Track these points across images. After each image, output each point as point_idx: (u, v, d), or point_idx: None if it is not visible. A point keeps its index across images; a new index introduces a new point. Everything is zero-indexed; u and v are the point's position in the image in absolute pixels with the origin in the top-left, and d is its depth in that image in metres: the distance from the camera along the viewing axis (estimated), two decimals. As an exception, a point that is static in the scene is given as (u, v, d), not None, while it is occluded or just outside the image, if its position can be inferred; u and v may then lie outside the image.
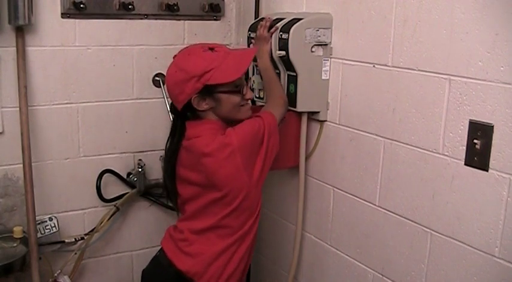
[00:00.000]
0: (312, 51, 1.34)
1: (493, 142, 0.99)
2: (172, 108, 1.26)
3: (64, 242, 1.56)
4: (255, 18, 1.59)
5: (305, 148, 1.44)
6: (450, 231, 1.10)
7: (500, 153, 0.99)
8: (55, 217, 1.56)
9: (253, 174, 1.18)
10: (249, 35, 1.47)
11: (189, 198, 1.24)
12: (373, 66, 1.24)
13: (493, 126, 0.99)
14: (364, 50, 1.27)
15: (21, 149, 1.44)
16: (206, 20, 1.70)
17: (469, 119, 1.03)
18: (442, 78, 1.08)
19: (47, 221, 1.53)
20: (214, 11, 1.69)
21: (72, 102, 1.55)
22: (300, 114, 1.41)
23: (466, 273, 1.07)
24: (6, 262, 1.38)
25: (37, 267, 1.45)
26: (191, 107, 1.19)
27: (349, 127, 1.34)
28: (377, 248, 1.29)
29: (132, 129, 1.66)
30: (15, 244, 1.45)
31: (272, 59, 1.38)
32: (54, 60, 1.51)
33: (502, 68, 0.97)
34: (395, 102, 1.20)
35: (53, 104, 1.53)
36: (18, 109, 1.44)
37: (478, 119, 1.02)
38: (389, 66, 1.20)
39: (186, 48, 1.24)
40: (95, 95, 1.58)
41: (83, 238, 1.60)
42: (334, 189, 1.42)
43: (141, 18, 1.60)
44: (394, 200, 1.23)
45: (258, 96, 1.51)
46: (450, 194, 1.09)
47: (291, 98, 1.36)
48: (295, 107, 1.37)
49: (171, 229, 1.30)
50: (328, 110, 1.40)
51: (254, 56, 1.42)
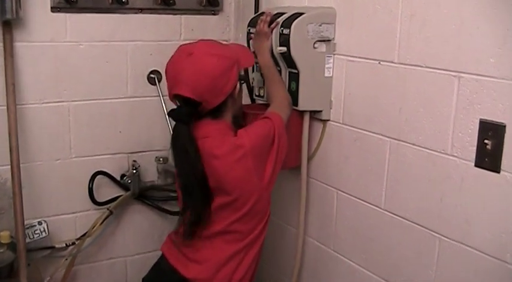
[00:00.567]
0: (315, 48, 1.35)
1: (504, 142, 0.99)
2: (189, 108, 1.14)
3: (54, 247, 1.56)
4: (255, 13, 1.59)
5: (307, 148, 1.44)
6: (459, 235, 1.10)
7: (512, 154, 0.99)
8: (45, 221, 1.55)
9: (264, 177, 1.18)
10: (249, 30, 1.47)
11: None
12: (379, 63, 1.24)
13: (505, 126, 0.99)
14: (369, 46, 1.27)
15: (9, 150, 1.43)
16: (204, 15, 1.70)
17: (480, 118, 1.03)
18: (451, 75, 1.08)
19: (36, 225, 1.53)
20: (212, 5, 1.68)
21: (63, 101, 1.55)
22: (302, 113, 1.41)
23: (477, 280, 1.07)
24: (-7, 269, 1.38)
25: (25, 274, 1.44)
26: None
27: (354, 127, 1.34)
28: (383, 254, 1.29)
29: (126, 128, 1.66)
30: (2, 250, 1.45)
31: (273, 55, 1.38)
32: (44, 56, 1.50)
33: (514, 65, 0.97)
34: (401, 101, 1.19)
35: (42, 103, 1.53)
36: (5, 108, 1.44)
37: (489, 118, 1.02)
38: (395, 63, 1.20)
39: (190, 43, 1.22)
40: (87, 93, 1.58)
41: (74, 243, 1.59)
42: (338, 191, 1.42)
43: (136, 13, 1.60)
44: (401, 203, 1.22)
45: (257, 94, 1.51)
46: (459, 196, 1.09)
47: (293, 96, 1.36)
48: (297, 105, 1.37)
49: (173, 234, 1.29)
50: (331, 108, 1.40)
51: (254, 53, 1.43)
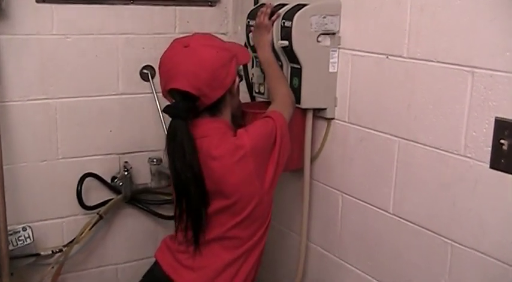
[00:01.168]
0: (318, 41, 1.34)
1: (521, 142, 0.99)
2: (187, 103, 1.13)
3: (39, 254, 1.56)
4: (255, 4, 1.58)
5: (310, 149, 1.44)
6: (473, 242, 1.09)
7: (529, 154, 0.98)
8: (29, 227, 1.55)
9: (265, 180, 1.18)
10: (248, 23, 1.46)
11: None
12: (387, 57, 1.24)
13: (522, 125, 0.99)
14: (376, 39, 1.26)
15: (-8, 150, 1.43)
16: (200, 6, 1.70)
17: (495, 117, 1.02)
18: (464, 70, 1.07)
19: (20, 231, 1.52)
20: (209, -4, 1.69)
21: (49, 98, 1.55)
22: (305, 111, 1.41)
23: (491, 289, 1.06)
24: (-27, 278, 1.37)
25: (9, 283, 1.44)
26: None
27: (360, 126, 1.34)
28: (391, 261, 1.28)
29: (117, 127, 1.65)
30: (-16, 257, 1.44)
31: (274, 49, 1.37)
32: (29, 50, 1.50)
33: (531, 59, 0.97)
34: (411, 98, 1.19)
35: (27, 100, 1.52)
36: (-12, 105, 1.44)
37: (505, 117, 1.01)
38: (404, 58, 1.19)
39: (185, 36, 1.22)
40: (75, 89, 1.58)
41: (61, 250, 1.59)
42: (343, 194, 1.41)
43: (127, 4, 1.59)
44: (410, 207, 1.22)
45: (257, 91, 1.50)
46: (473, 200, 1.08)
47: (295, 93, 1.36)
48: (299, 103, 1.36)
49: (168, 240, 1.28)
50: (336, 106, 1.40)
51: (253, 47, 1.42)
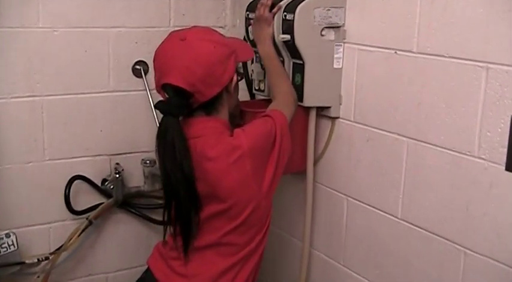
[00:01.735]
0: (322, 35, 1.34)
1: (539, 143, 0.98)
2: (179, 100, 1.12)
3: (24, 263, 1.55)
4: (254, -4, 1.58)
5: (313, 150, 1.44)
6: (488, 249, 1.09)
7: (548, 156, 0.98)
8: (13, 233, 1.54)
9: (263, 183, 1.18)
10: (247, 15, 1.46)
11: None
12: (395, 52, 1.23)
13: (540, 124, 0.98)
14: (384, 33, 1.26)
15: (-25, 151, 1.43)
16: (196, -2, 1.70)
17: (511, 115, 1.02)
18: (478, 66, 1.07)
19: (3, 238, 1.51)
20: (206, -13, 1.68)
21: (35, 95, 1.54)
22: (308, 110, 1.41)
23: (507, 299, 1.06)
24: (-46, 288, 1.36)
25: (-8, 292, 1.43)
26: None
27: (366, 125, 1.33)
28: (399, 270, 1.28)
29: (108, 127, 1.65)
30: (-35, 266, 1.44)
31: (275, 44, 1.37)
32: (13, 44, 1.49)
33: (550, 54, 0.96)
34: (421, 96, 1.19)
35: (11, 97, 1.51)
36: (-30, 103, 1.44)
37: (521, 115, 1.01)
38: (414, 53, 1.19)
39: (182, 29, 1.22)
40: (63, 86, 1.57)
41: (47, 258, 1.58)
42: (348, 198, 1.41)
43: (119, -5, 1.60)
44: (420, 212, 1.22)
45: (257, 88, 1.50)
46: (488, 204, 1.08)
47: (297, 91, 1.35)
48: (302, 101, 1.36)
49: (161, 246, 1.28)
50: (340, 104, 1.40)
51: (253, 41, 1.41)
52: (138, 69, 1.65)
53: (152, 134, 1.63)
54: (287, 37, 1.32)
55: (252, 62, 1.52)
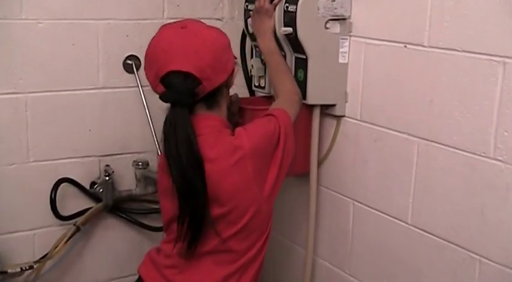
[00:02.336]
0: (327, 28, 1.34)
1: (560, 143, 0.98)
2: (191, 84, 1.11)
3: (6, 272, 1.54)
4: (254, -14, 1.58)
5: (317, 151, 1.44)
6: (504, 257, 1.08)
7: None
8: (-4, 240, 1.54)
9: (265, 186, 1.18)
10: (246, 7, 1.46)
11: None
12: (405, 46, 1.23)
13: (560, 123, 0.98)
14: (393, 25, 1.26)
15: (-46, 152, 1.42)
16: (192, -12, 1.71)
17: (529, 114, 1.03)
18: (494, 61, 1.06)
19: (-15, 245, 1.52)
20: (202, -24, 1.68)
21: (18, 92, 1.54)
22: (311, 108, 1.41)
23: (525, 311, 1.06)
24: None
25: (-28, 304, 1.43)
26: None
27: (374, 124, 1.33)
28: (410, 279, 1.28)
29: (97, 126, 1.65)
30: None
31: (276, 37, 1.37)
32: (-5, 37, 1.49)
33: None
34: (432, 92, 1.19)
35: (-6, 94, 1.52)
36: (-51, 101, 1.44)
37: (540, 114, 1.01)
38: (425, 47, 1.19)
39: (177, 21, 1.22)
40: (48, 82, 1.57)
41: (31, 267, 1.58)
42: (354, 202, 1.41)
43: (109, -15, 1.60)
44: (432, 218, 1.21)
45: (257, 84, 1.50)
46: (504, 209, 1.08)
47: (300, 88, 1.35)
48: (305, 98, 1.36)
49: (154, 253, 1.28)
50: (346, 102, 1.40)
51: (253, 34, 1.41)
52: (130, 64, 1.64)
53: (145, 134, 1.66)
54: (289, 30, 1.32)
55: (251, 56, 1.52)
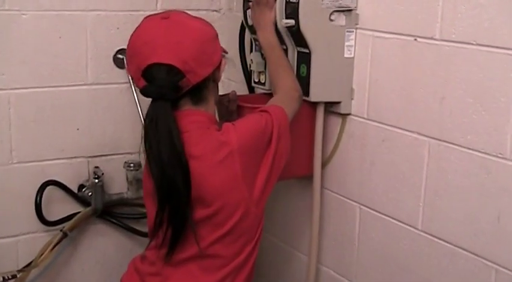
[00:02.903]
0: (331, 20, 1.34)
1: None
2: (173, 77, 1.11)
3: (-12, 281, 1.56)
4: (253, -25, 1.58)
5: (321, 151, 1.44)
6: (522, 266, 1.09)
7: None
8: (-23, 247, 1.55)
9: (254, 187, 1.18)
10: (245, -3, 1.47)
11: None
12: (415, 39, 1.23)
13: None
14: (402, 17, 1.26)
15: None
16: (187, -24, 1.71)
17: (549, 112, 1.02)
18: (511, 55, 1.06)
19: (-35, 252, 1.52)
20: (198, -35, 1.68)
21: (1, 88, 1.54)
22: (315, 105, 1.41)
23: (544, 323, 1.06)
24: None
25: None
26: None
27: (382, 123, 1.33)
28: (420, 289, 1.28)
29: (86, 125, 1.64)
30: None
31: (277, 30, 1.37)
32: (-24, 30, 1.50)
33: None
34: (444, 89, 1.18)
35: (-26, 91, 1.52)
36: None
37: (561, 112, 1.01)
38: (436, 40, 1.19)
39: (159, 12, 1.23)
40: (33, 78, 1.57)
41: (15, 276, 1.57)
42: (361, 207, 1.41)
43: (98, -27, 1.60)
44: (444, 223, 1.21)
45: (257, 80, 1.50)
46: (522, 214, 1.08)
47: (302, 84, 1.35)
48: (308, 95, 1.36)
49: (138, 260, 1.28)
50: (352, 99, 1.40)
51: (252, 27, 1.40)
52: (121, 58, 1.64)
53: (136, 133, 1.65)
54: (291, 22, 1.32)
55: (251, 50, 1.52)
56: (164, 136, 1.11)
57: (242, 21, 1.52)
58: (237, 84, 1.45)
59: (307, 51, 1.34)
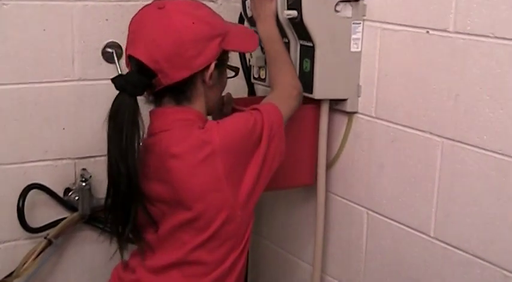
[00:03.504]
0: (337, 11, 1.34)
1: None
2: (138, 77, 1.16)
3: (-33, 292, 1.56)
4: (252, -38, 1.58)
5: (325, 152, 1.44)
6: (542, 276, 1.09)
7: None
8: (-46, 255, 1.54)
9: (239, 189, 1.18)
10: (244, -14, 1.48)
11: (146, 223, 1.23)
12: (427, 32, 1.23)
13: None
14: (413, 8, 1.26)
15: None
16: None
17: None
18: (531, 49, 1.08)
19: None
20: (193, -48, 1.67)
21: (-20, 85, 1.54)
22: (319, 103, 1.41)
23: None
24: None
25: None
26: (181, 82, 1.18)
27: (391, 122, 1.34)
28: (432, 300, 1.29)
29: (72, 124, 1.64)
30: None
31: (278, 22, 1.37)
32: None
33: None
34: (459, 86, 1.18)
35: (-50, 87, 1.52)
36: None
37: None
38: (450, 33, 1.19)
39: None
40: (15, 73, 1.56)
41: (-4, 286, 1.58)
42: (369, 212, 1.41)
43: (85, -40, 1.60)
44: (458, 230, 1.22)
45: (256, 76, 1.51)
46: (542, 220, 1.09)
47: (306, 80, 1.36)
48: (312, 92, 1.37)
49: (120, 268, 1.30)
50: (359, 96, 1.40)
51: (252, 19, 1.42)
52: (110, 52, 1.64)
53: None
54: (293, 13, 1.32)
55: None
56: (116, 132, 1.15)
57: (241, 13, 1.52)
58: (235, 80, 1.45)
59: (311, 45, 1.34)
